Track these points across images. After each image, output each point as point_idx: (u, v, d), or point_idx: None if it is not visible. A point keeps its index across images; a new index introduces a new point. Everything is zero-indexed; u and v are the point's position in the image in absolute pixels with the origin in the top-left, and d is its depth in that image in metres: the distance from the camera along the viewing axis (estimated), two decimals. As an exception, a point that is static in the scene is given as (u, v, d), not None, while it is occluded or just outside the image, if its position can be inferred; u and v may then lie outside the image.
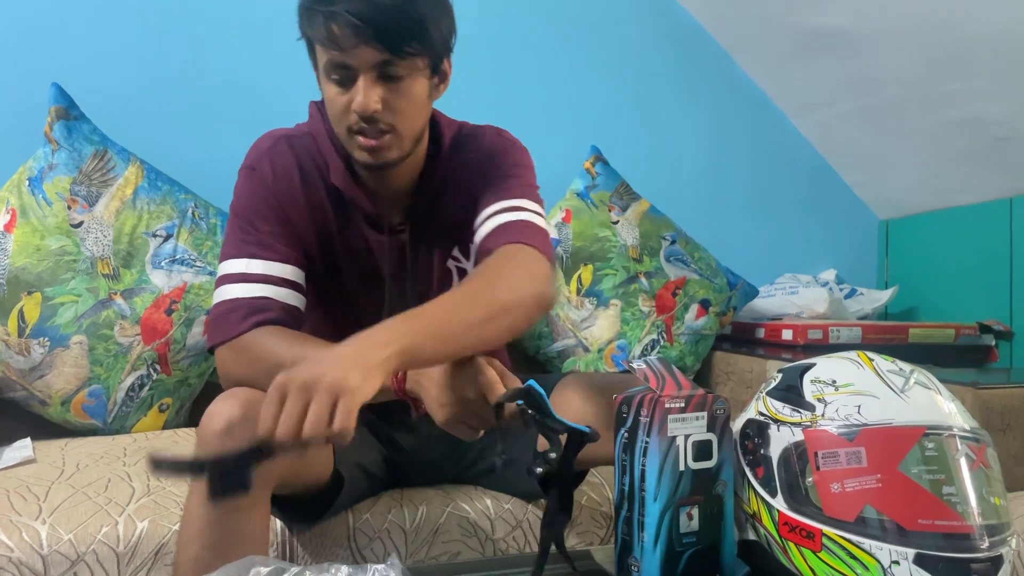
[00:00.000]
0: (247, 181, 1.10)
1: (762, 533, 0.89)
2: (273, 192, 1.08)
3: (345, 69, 1.00)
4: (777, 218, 2.46)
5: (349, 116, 1.02)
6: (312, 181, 1.11)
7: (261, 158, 1.10)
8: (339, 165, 1.11)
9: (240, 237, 1.05)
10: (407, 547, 1.18)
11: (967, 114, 2.04)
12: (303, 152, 1.12)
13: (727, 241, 2.29)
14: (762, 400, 0.93)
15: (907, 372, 0.89)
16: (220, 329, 1.01)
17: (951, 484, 0.80)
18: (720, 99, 2.40)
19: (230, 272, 1.04)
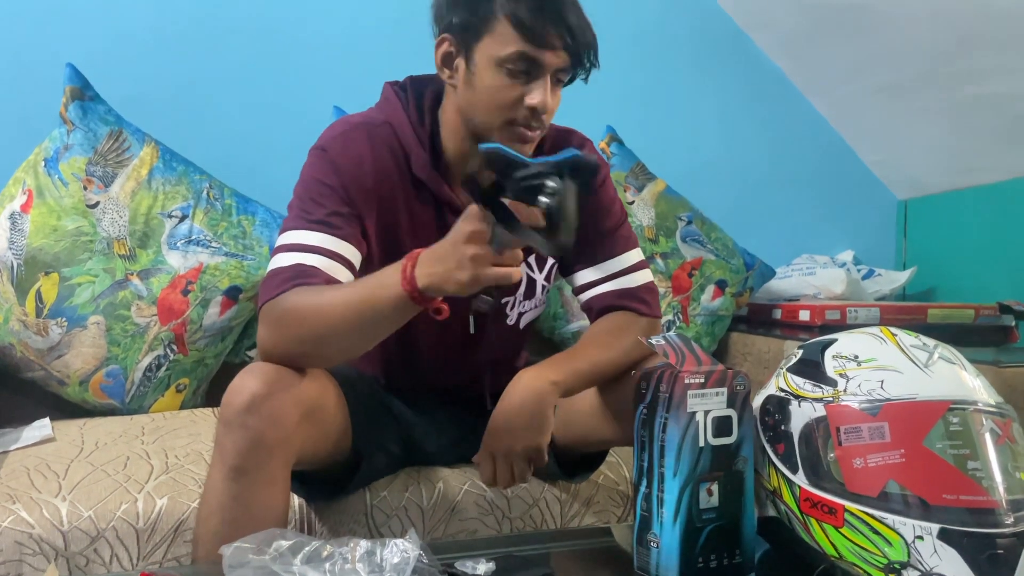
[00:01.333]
0: (317, 161, 1.06)
1: (783, 510, 0.88)
2: (340, 175, 1.05)
3: (532, 65, 1.00)
4: (794, 198, 2.44)
5: (518, 109, 1.02)
6: (386, 170, 1.08)
7: (334, 140, 1.07)
8: (422, 154, 1.10)
9: (300, 214, 1.03)
10: (424, 525, 1.18)
11: (987, 91, 2.00)
12: (380, 141, 1.09)
13: (744, 221, 2.27)
14: (783, 376, 0.92)
15: (931, 347, 0.87)
16: (262, 293, 0.99)
17: (976, 459, 0.79)
18: (737, 78, 2.37)
19: (285, 243, 1.02)
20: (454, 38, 1.04)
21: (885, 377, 0.84)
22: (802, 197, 2.44)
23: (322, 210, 1.02)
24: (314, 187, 1.04)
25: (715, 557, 0.86)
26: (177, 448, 1.30)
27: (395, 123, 1.10)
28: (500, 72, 1.00)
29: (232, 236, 1.62)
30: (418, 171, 1.10)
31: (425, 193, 1.11)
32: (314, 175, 1.05)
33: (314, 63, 1.98)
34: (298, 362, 0.97)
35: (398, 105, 1.12)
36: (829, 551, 0.83)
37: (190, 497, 1.11)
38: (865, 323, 1.95)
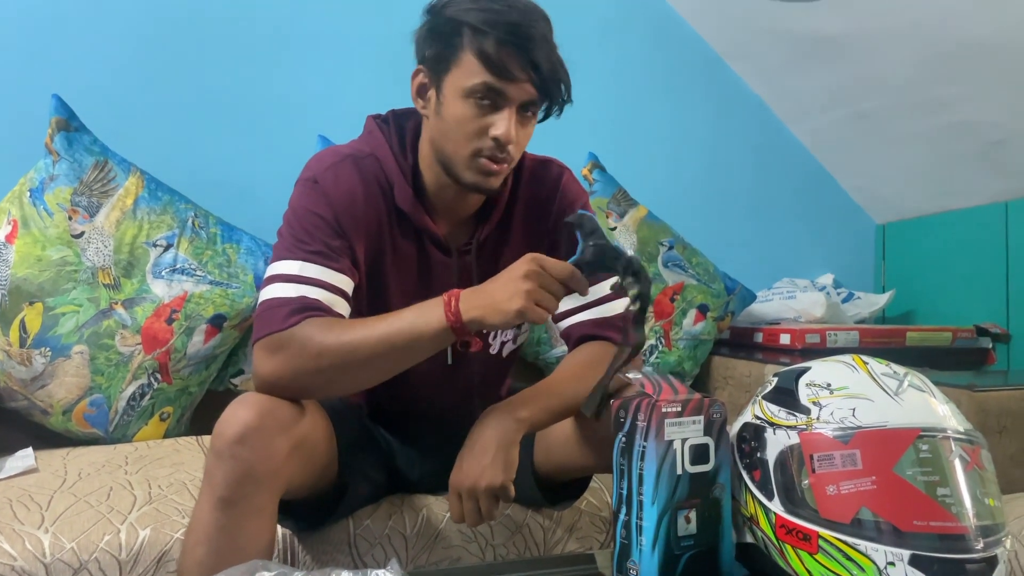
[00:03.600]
0: (309, 192, 1.07)
1: (759, 536, 0.89)
2: (333, 206, 1.06)
3: (497, 96, 1.02)
4: (775, 223, 2.47)
5: (483, 140, 1.04)
6: (373, 202, 1.10)
7: (325, 173, 1.08)
8: (405, 187, 1.11)
9: (295, 244, 1.04)
10: (408, 553, 1.18)
11: (962, 118, 2.05)
12: (367, 173, 1.10)
13: (725, 246, 2.30)
14: (758, 404, 0.94)
15: (901, 375, 0.89)
16: (263, 324, 0.99)
17: (945, 485, 0.81)
18: (717, 106, 2.42)
19: (282, 272, 1.02)
20: (428, 69, 1.07)
21: (856, 405, 0.86)
22: (782, 222, 2.48)
23: (317, 242, 1.03)
24: (308, 218, 1.05)
25: (693, 584, 0.87)
26: (160, 478, 1.30)
27: (380, 155, 1.12)
28: (466, 103, 1.03)
29: (217, 264, 1.63)
30: (401, 203, 1.11)
31: (407, 225, 1.13)
32: (307, 206, 1.06)
33: (299, 93, 2.00)
34: (301, 393, 0.98)
35: (381, 138, 1.14)
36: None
37: (173, 528, 1.11)
38: (845, 346, 1.98)
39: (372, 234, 1.10)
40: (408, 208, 1.11)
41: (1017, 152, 2.03)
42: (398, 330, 0.96)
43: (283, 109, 1.98)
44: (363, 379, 1.01)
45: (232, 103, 1.95)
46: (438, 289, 1.12)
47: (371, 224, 1.09)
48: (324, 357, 0.95)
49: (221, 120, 1.94)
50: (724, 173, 2.42)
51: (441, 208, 1.15)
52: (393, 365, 1.00)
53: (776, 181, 2.48)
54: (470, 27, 1.01)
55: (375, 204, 1.10)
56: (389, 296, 1.14)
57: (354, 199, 1.08)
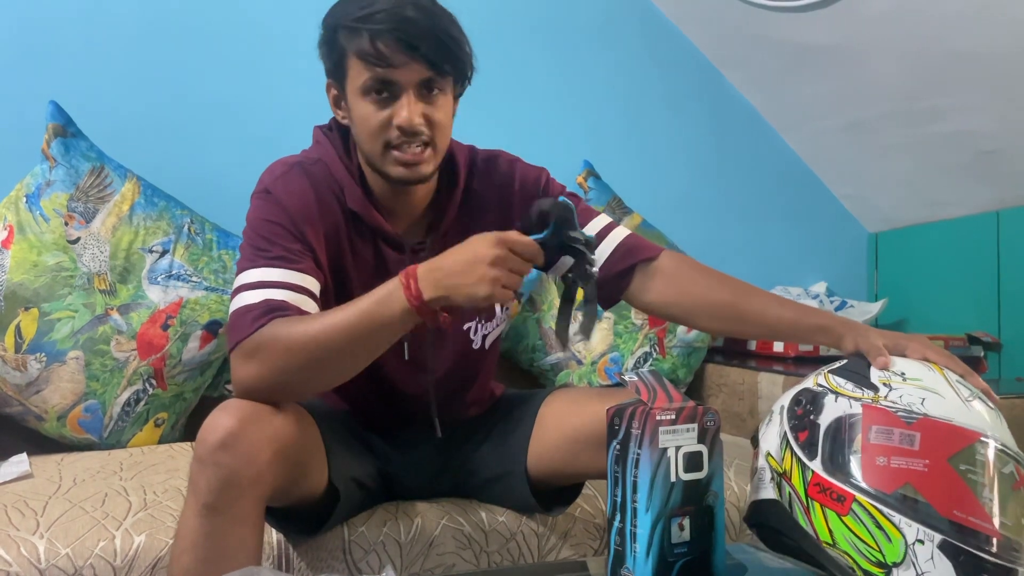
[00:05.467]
0: (263, 204, 1.08)
1: (787, 491, 0.91)
2: (289, 214, 1.07)
3: (388, 85, 1.04)
4: (769, 231, 2.49)
5: (389, 132, 1.05)
6: (327, 206, 1.11)
7: (275, 183, 1.10)
8: (355, 189, 1.13)
9: (256, 253, 1.04)
10: (402, 560, 1.19)
11: (954, 128, 2.07)
12: (318, 178, 1.12)
13: (719, 254, 2.30)
14: (823, 375, 0.96)
15: (972, 388, 0.92)
16: (233, 333, 0.99)
17: (991, 491, 0.83)
18: (711, 114, 2.43)
19: (246, 282, 1.02)
20: (333, 80, 1.11)
21: (927, 396, 0.88)
22: (776, 230, 2.49)
23: (277, 248, 1.04)
24: (264, 227, 1.05)
25: (687, 591, 0.87)
26: (155, 484, 1.30)
27: (327, 160, 1.14)
28: (365, 101, 1.05)
29: (213, 271, 1.64)
30: (353, 204, 1.12)
31: (361, 226, 1.14)
32: (263, 216, 1.07)
33: (297, 98, 2.00)
34: (282, 395, 0.98)
35: (328, 144, 1.15)
36: (824, 536, 0.86)
37: (168, 534, 1.11)
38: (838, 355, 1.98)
39: (331, 237, 1.11)
40: (360, 208, 1.13)
41: (1008, 162, 2.05)
42: (361, 316, 0.95)
43: (281, 116, 1.98)
44: (335, 371, 1.00)
45: (230, 110, 1.95)
46: None
47: (328, 228, 1.11)
48: (292, 353, 0.95)
49: (218, 127, 1.94)
50: (718, 181, 2.43)
51: (391, 207, 1.16)
52: (362, 352, 0.99)
53: (770, 190, 2.49)
54: (344, 29, 1.04)
55: (329, 208, 1.11)
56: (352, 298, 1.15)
57: (308, 204, 1.09)
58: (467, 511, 1.25)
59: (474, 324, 1.23)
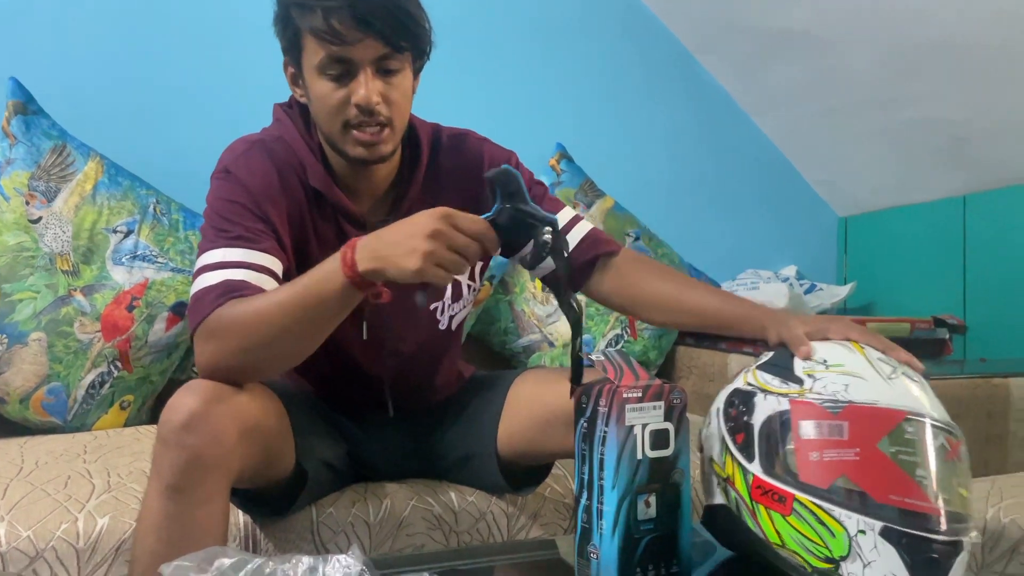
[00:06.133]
0: (223, 183, 1.07)
1: (733, 496, 0.91)
2: (251, 193, 1.05)
3: (344, 64, 1.02)
4: (740, 215, 2.50)
5: (347, 111, 1.03)
6: (290, 185, 1.10)
7: (236, 161, 1.08)
8: (317, 166, 1.11)
9: (217, 234, 1.02)
10: (371, 540, 1.18)
11: (923, 115, 2.09)
12: (279, 156, 1.10)
13: (691, 237, 2.33)
14: (751, 372, 0.96)
15: (895, 364, 0.92)
16: (193, 316, 0.98)
17: (924, 468, 0.83)
18: (685, 99, 2.43)
19: (206, 263, 1.00)
20: (290, 59, 1.09)
21: (850, 382, 0.88)
22: (748, 214, 2.51)
23: (238, 227, 1.02)
24: (226, 208, 1.04)
25: (653, 567, 0.88)
26: (120, 466, 1.28)
27: (288, 138, 1.12)
28: (321, 79, 1.03)
29: (179, 251, 1.61)
30: (314, 182, 1.11)
31: (324, 205, 1.12)
32: (223, 196, 1.05)
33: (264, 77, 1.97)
34: (242, 375, 0.97)
35: (288, 122, 1.14)
36: (772, 538, 0.86)
37: (132, 516, 1.10)
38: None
39: (294, 217, 1.10)
40: (322, 186, 1.11)
41: (976, 148, 2.08)
42: (305, 291, 0.93)
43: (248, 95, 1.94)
44: (288, 348, 0.97)
45: (196, 89, 1.92)
46: None
47: (291, 207, 1.09)
48: (246, 332, 0.93)
49: (184, 106, 1.91)
50: (691, 165, 2.44)
51: (353, 185, 1.14)
52: (310, 329, 0.96)
53: (742, 174, 2.51)
54: (296, 6, 1.02)
55: (291, 186, 1.10)
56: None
57: (270, 183, 1.07)
58: (437, 492, 1.25)
59: (441, 304, 1.22)
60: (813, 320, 0.99)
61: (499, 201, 0.91)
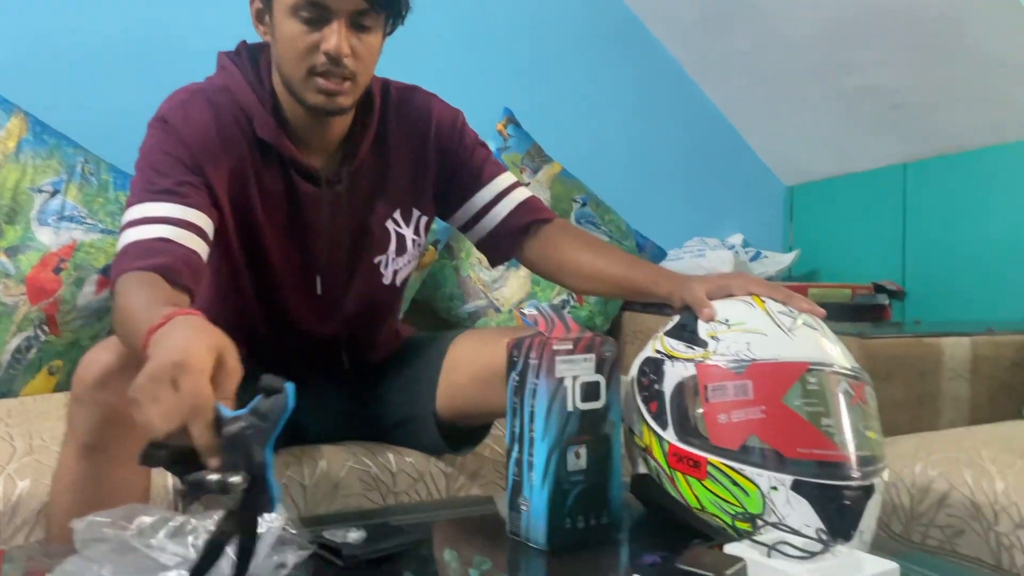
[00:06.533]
0: (158, 132, 1.03)
1: (652, 466, 0.91)
2: (186, 145, 1.02)
3: (319, 8, 0.99)
4: (689, 183, 2.51)
5: (315, 57, 1.00)
6: (231, 136, 1.06)
7: (174, 110, 1.04)
8: (266, 117, 1.08)
9: (145, 187, 0.99)
10: (306, 502, 1.16)
11: (866, 82, 2.11)
12: (222, 107, 1.07)
13: (639, 205, 2.32)
14: (659, 339, 0.96)
15: (795, 314, 0.92)
16: (113, 269, 0.95)
17: (829, 417, 0.84)
18: (633, 66, 2.42)
19: (132, 218, 0.97)
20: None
21: (752, 339, 0.88)
22: (696, 182, 2.52)
23: (168, 180, 0.99)
24: (158, 159, 1.01)
25: (583, 518, 0.88)
26: (44, 430, 1.24)
27: (234, 87, 1.09)
28: (293, 20, 1.00)
29: (109, 212, 1.56)
30: (262, 133, 1.08)
31: (272, 157, 1.09)
32: (156, 146, 1.02)
33: (200, 34, 1.91)
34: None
35: (235, 71, 1.10)
36: (692, 503, 0.87)
37: (55, 479, 1.06)
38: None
39: (234, 170, 1.07)
40: (270, 138, 1.08)
41: (915, 116, 2.11)
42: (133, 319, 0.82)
43: (182, 51, 1.88)
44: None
45: (128, 44, 1.85)
46: (311, 223, 1.12)
47: (231, 159, 1.06)
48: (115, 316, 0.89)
49: (115, 62, 1.84)
50: (639, 133, 2.44)
51: (305, 138, 1.11)
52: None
53: (690, 142, 2.51)
54: None
55: (233, 138, 1.07)
56: (261, 234, 1.11)
57: (208, 134, 1.04)
58: (374, 453, 1.23)
59: (384, 257, 1.20)
60: (714, 279, 0.99)
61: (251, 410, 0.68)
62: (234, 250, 1.10)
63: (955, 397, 1.49)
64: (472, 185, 1.23)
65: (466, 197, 1.23)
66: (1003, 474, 1.11)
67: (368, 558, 0.80)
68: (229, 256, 1.10)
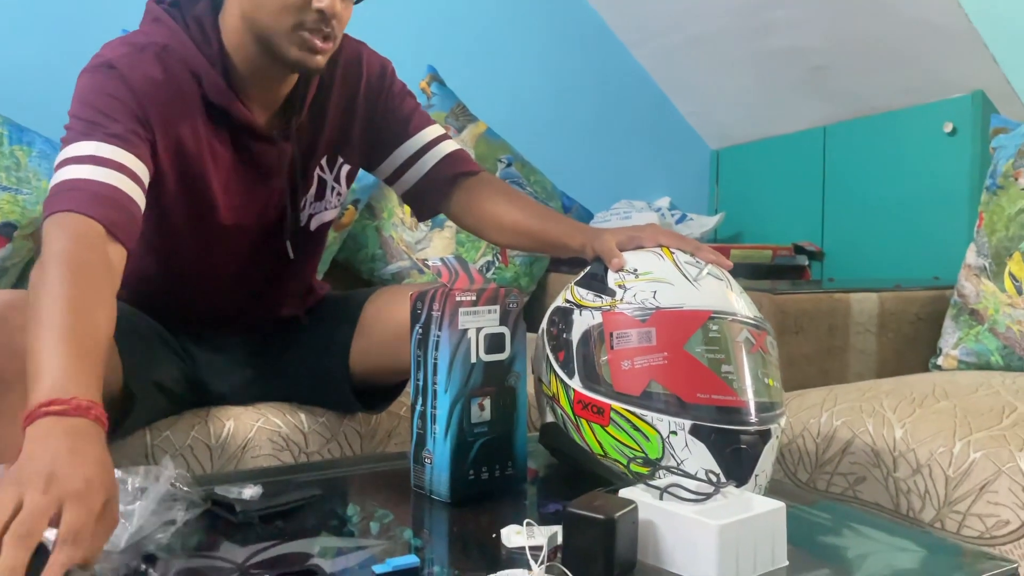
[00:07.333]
0: (103, 76, 0.97)
1: (559, 414, 0.92)
2: (135, 93, 0.97)
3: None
4: (616, 146, 2.51)
5: (306, 13, 0.98)
6: (180, 95, 1.02)
7: (123, 59, 0.99)
8: (216, 79, 1.03)
9: (90, 128, 0.94)
10: (212, 464, 1.13)
11: (787, 44, 2.13)
12: (170, 64, 1.02)
13: (566, 166, 2.32)
14: (569, 289, 0.96)
15: (702, 265, 0.93)
16: (53, 201, 0.89)
17: (729, 363, 0.85)
18: (561, 27, 2.40)
19: (77, 154, 0.92)
20: None
21: (658, 288, 0.89)
22: (624, 145, 2.52)
23: (116, 125, 0.95)
24: (104, 101, 0.96)
25: (487, 469, 0.88)
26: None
27: (178, 47, 1.03)
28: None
29: (3, 168, 1.48)
30: (213, 96, 1.04)
31: (221, 119, 1.06)
32: (103, 90, 0.97)
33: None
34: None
35: (175, 26, 1.04)
36: (596, 449, 0.88)
37: (-61, 444, 1.01)
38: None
39: (183, 127, 1.03)
40: (222, 101, 1.04)
41: (834, 78, 2.14)
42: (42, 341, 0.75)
43: (87, 7, 1.80)
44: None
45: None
46: (263, 181, 1.11)
47: (178, 116, 1.02)
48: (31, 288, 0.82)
49: (13, 8, 1.73)
50: (567, 94, 2.42)
51: (255, 95, 1.08)
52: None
53: (618, 104, 2.51)
54: None
55: (181, 96, 1.02)
56: (212, 193, 1.08)
57: (156, 88, 1.00)
58: (285, 413, 1.21)
59: (304, 199, 1.17)
60: (625, 231, 1.00)
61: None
62: (178, 208, 1.07)
63: (863, 351, 1.53)
64: (399, 135, 1.22)
65: (393, 147, 1.22)
66: (902, 422, 1.14)
67: (263, 514, 0.78)
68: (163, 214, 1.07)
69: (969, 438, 1.06)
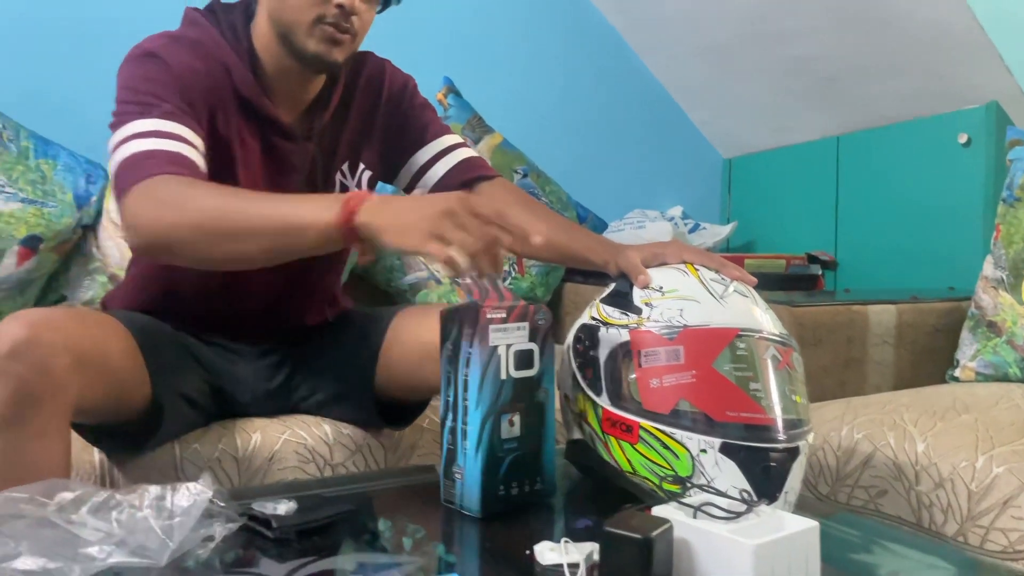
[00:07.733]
0: (150, 64, 1.02)
1: (587, 431, 0.93)
2: (178, 79, 1.02)
3: None
4: (629, 155, 2.53)
5: (326, 7, 1.02)
6: (216, 85, 1.07)
7: (163, 48, 1.03)
8: (245, 73, 1.08)
9: (144, 108, 0.98)
10: (240, 476, 1.15)
11: (800, 53, 2.14)
12: (204, 54, 1.07)
13: (580, 176, 2.33)
14: (595, 307, 0.97)
15: (727, 282, 0.94)
16: (131, 174, 0.93)
17: (757, 381, 0.86)
18: (575, 36, 2.42)
19: (138, 131, 0.96)
20: None
21: (684, 306, 0.90)
22: (637, 154, 2.54)
23: (168, 104, 0.99)
24: (152, 85, 1.00)
25: (516, 485, 0.88)
26: (-37, 408, 1.19)
27: (208, 42, 1.08)
28: None
29: (29, 181, 1.50)
30: (242, 89, 1.08)
31: (250, 112, 1.10)
32: (148, 75, 1.01)
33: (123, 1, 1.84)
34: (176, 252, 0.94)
35: (208, 27, 1.10)
36: (624, 466, 0.88)
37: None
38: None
39: (218, 114, 1.07)
40: (250, 93, 1.09)
41: (847, 88, 2.15)
42: (285, 213, 0.90)
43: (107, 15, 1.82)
44: (232, 255, 0.93)
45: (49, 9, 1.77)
46: (285, 177, 1.13)
47: (215, 103, 1.07)
48: (202, 218, 0.90)
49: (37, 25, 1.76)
50: (581, 104, 2.44)
51: (282, 94, 1.13)
52: (269, 248, 0.92)
53: (631, 114, 2.52)
54: None
55: (216, 85, 1.07)
56: (239, 183, 1.10)
57: (195, 75, 1.05)
58: (310, 425, 1.22)
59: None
60: (649, 247, 1.01)
61: None
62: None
63: (880, 362, 1.54)
64: (417, 141, 1.24)
65: (410, 153, 1.25)
66: (924, 436, 1.15)
67: (299, 529, 0.79)
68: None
69: (992, 452, 1.06)
